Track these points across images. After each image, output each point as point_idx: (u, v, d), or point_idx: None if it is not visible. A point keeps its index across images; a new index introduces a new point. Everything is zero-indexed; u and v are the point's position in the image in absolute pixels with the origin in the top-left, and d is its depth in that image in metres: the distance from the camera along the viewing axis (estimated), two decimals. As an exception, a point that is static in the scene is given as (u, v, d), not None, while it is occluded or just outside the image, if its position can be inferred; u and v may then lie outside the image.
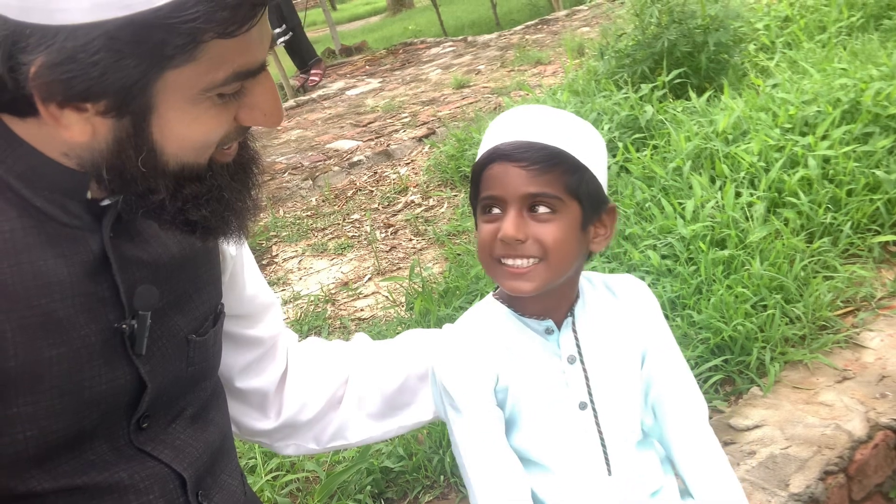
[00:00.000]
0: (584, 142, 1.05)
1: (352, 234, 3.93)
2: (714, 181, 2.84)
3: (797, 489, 1.74)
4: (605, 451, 1.10)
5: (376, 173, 4.71)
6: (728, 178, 2.76)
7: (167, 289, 0.94)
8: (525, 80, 5.71)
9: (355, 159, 4.91)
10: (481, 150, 1.07)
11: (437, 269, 3.22)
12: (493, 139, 1.06)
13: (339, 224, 4.10)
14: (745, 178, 2.77)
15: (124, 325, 0.88)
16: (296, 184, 4.74)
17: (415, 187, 4.31)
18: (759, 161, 2.79)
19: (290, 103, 7.21)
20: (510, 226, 1.01)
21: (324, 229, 4.08)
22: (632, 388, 1.13)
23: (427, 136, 5.04)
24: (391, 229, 3.87)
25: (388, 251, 3.64)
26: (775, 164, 2.73)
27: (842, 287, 2.38)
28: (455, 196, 4.00)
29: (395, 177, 4.54)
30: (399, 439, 2.16)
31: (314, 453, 1.42)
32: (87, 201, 0.86)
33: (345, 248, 3.77)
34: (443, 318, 2.61)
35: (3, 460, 0.83)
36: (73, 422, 0.86)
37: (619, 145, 3.28)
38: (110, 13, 0.70)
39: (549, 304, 1.10)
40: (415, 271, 3.07)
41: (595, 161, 1.06)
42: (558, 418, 1.09)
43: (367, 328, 2.89)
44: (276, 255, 3.91)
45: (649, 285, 2.34)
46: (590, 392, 1.09)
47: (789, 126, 2.95)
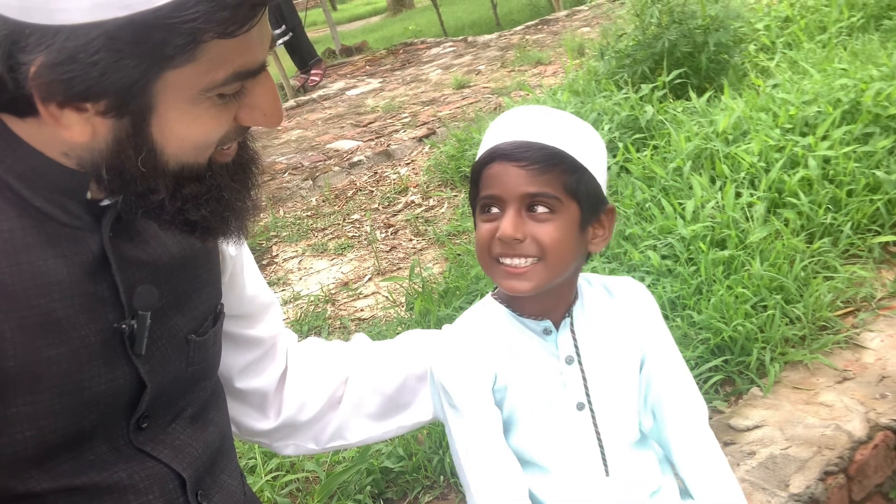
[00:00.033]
0: (584, 142, 1.05)
1: (352, 234, 3.93)
2: (714, 181, 2.84)
3: (797, 489, 1.74)
4: (603, 452, 1.10)
5: (376, 173, 4.71)
6: (728, 178, 2.76)
7: (167, 289, 0.94)
8: (525, 81, 5.71)
9: (355, 159, 4.91)
10: (481, 149, 1.08)
11: (437, 270, 3.22)
12: (492, 139, 1.06)
13: (339, 224, 4.10)
14: (745, 178, 2.76)
15: (124, 325, 0.88)
16: (296, 184, 4.74)
17: (415, 187, 4.31)
18: (759, 161, 2.79)
19: (291, 103, 7.20)
20: (509, 225, 1.01)
21: (324, 229, 4.08)
22: (629, 389, 1.13)
23: (427, 137, 5.04)
24: (391, 229, 3.87)
25: (388, 251, 3.64)
26: (775, 165, 2.72)
27: (842, 287, 2.38)
28: (455, 196, 4.00)
29: (395, 177, 4.54)
30: (399, 439, 2.16)
31: (313, 453, 1.42)
32: (86, 201, 0.86)
33: (345, 248, 3.77)
34: (443, 319, 2.61)
35: (2, 460, 0.83)
36: (72, 422, 0.85)
37: (620, 145, 3.28)
38: (110, 13, 0.70)
39: (547, 304, 1.10)
40: (415, 271, 3.07)
41: (594, 162, 1.06)
42: (556, 419, 1.09)
43: (367, 328, 2.89)
44: (277, 255, 3.91)
45: (649, 285, 2.38)
46: (587, 393, 1.09)
47: (789, 126, 2.95)
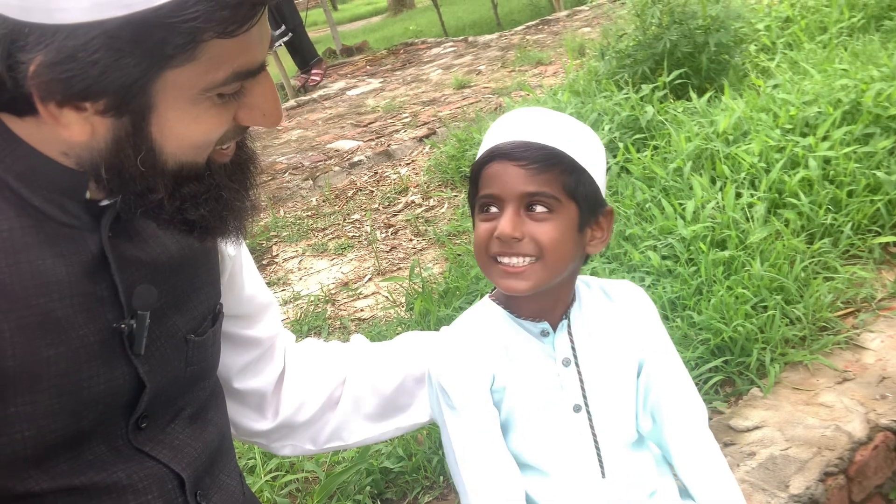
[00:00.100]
0: (583, 144, 1.06)
1: (352, 234, 3.93)
2: (714, 182, 2.83)
3: (797, 490, 1.74)
4: (599, 454, 1.10)
5: (377, 173, 4.71)
6: (728, 178, 2.76)
7: (166, 289, 0.94)
8: (526, 81, 5.71)
9: (356, 159, 4.91)
10: (481, 150, 1.08)
11: (437, 270, 3.22)
12: (492, 139, 1.06)
13: (339, 224, 4.10)
14: (745, 178, 2.76)
15: (123, 325, 0.88)
16: (296, 184, 4.74)
17: (415, 187, 4.31)
18: (759, 162, 2.79)
19: (291, 103, 7.20)
20: (507, 224, 1.01)
21: (324, 229, 4.07)
22: (626, 391, 1.13)
23: (428, 137, 5.03)
24: (391, 229, 3.87)
25: (388, 251, 3.64)
26: (776, 165, 2.72)
27: (842, 288, 2.38)
28: (455, 196, 4.00)
29: (395, 177, 4.54)
30: (399, 440, 2.16)
31: (311, 454, 1.43)
32: (85, 201, 0.86)
33: (345, 248, 3.77)
34: (443, 319, 2.61)
35: (1, 460, 0.83)
36: (71, 422, 0.85)
37: (620, 146, 3.28)
38: (110, 12, 0.70)
39: (544, 305, 1.10)
40: (415, 272, 3.07)
41: (593, 163, 1.06)
42: (552, 421, 1.09)
43: (367, 328, 2.89)
44: (277, 255, 3.90)
45: (649, 286, 2.38)
46: (584, 395, 1.09)
47: (790, 127, 2.95)
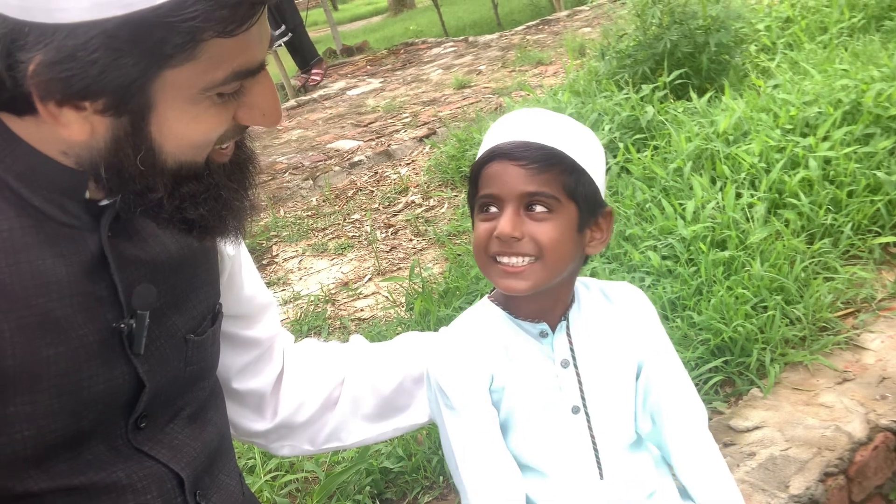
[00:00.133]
0: (583, 145, 1.06)
1: (352, 234, 3.93)
2: (715, 182, 2.83)
3: (797, 491, 1.74)
4: (598, 456, 1.10)
5: (377, 173, 4.71)
6: (729, 178, 2.76)
7: (165, 288, 0.94)
8: (526, 81, 5.71)
9: (356, 159, 4.91)
10: (481, 150, 1.08)
11: (437, 270, 3.22)
12: (492, 140, 1.06)
13: (339, 224, 4.10)
14: (745, 178, 2.76)
15: (122, 325, 0.88)
16: (296, 184, 4.74)
17: (415, 187, 4.31)
18: (759, 162, 2.79)
19: (291, 103, 7.20)
20: (507, 223, 1.01)
21: (324, 229, 4.07)
22: (625, 393, 1.13)
23: (428, 137, 5.03)
24: (391, 229, 3.87)
25: (388, 251, 3.64)
26: (776, 165, 2.72)
27: (842, 288, 2.37)
28: (456, 196, 4.00)
29: (395, 177, 4.54)
30: (398, 440, 2.16)
31: (310, 454, 1.43)
32: (85, 201, 0.86)
33: (345, 248, 3.77)
34: (443, 319, 2.61)
35: (1, 460, 0.83)
36: (71, 421, 0.85)
37: (620, 146, 3.27)
38: (109, 11, 0.70)
39: (543, 306, 1.10)
40: (415, 272, 3.07)
41: (593, 164, 1.06)
42: (551, 422, 1.09)
43: (367, 328, 2.88)
44: (277, 254, 3.90)
45: (649, 286, 2.38)
46: (583, 396, 1.09)
47: (790, 127, 2.95)
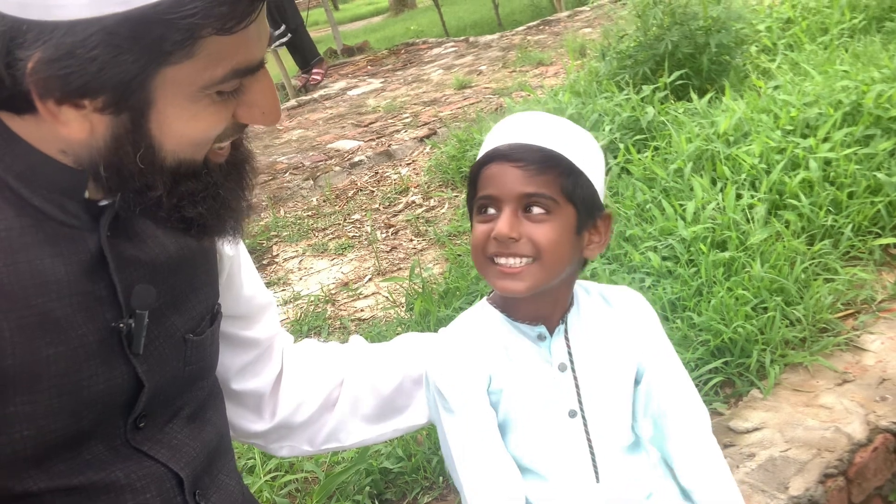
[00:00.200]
0: (582, 147, 1.06)
1: (352, 234, 3.93)
2: (715, 183, 2.83)
3: (796, 492, 1.74)
4: (594, 459, 1.10)
5: (377, 173, 4.71)
6: (729, 179, 2.76)
7: (164, 288, 0.94)
8: (527, 81, 5.71)
9: (356, 159, 4.91)
10: (481, 153, 1.08)
11: (437, 270, 3.22)
12: (491, 142, 1.07)
13: (339, 224, 4.10)
14: (746, 179, 2.76)
15: (121, 325, 0.88)
16: (297, 184, 4.74)
17: (416, 188, 4.31)
18: (760, 163, 2.79)
19: (292, 103, 7.19)
20: (504, 224, 1.02)
21: (324, 229, 4.07)
22: (623, 397, 1.13)
23: (428, 137, 5.03)
24: (392, 230, 3.87)
25: (388, 251, 3.64)
26: (776, 166, 2.72)
27: (842, 289, 2.37)
28: (456, 197, 4.00)
29: (396, 177, 4.54)
30: (398, 440, 2.16)
31: (309, 455, 1.43)
32: (84, 201, 0.86)
33: (345, 248, 3.77)
34: (443, 319, 2.60)
35: (1, 460, 0.83)
36: (70, 421, 0.85)
37: (621, 146, 3.27)
38: (108, 8, 0.70)
39: (542, 309, 1.10)
40: (415, 272, 3.07)
41: (591, 167, 1.06)
42: (548, 425, 1.09)
43: (367, 329, 2.88)
44: (277, 254, 3.90)
45: (649, 287, 2.38)
46: (580, 400, 1.09)
47: (790, 128, 2.95)
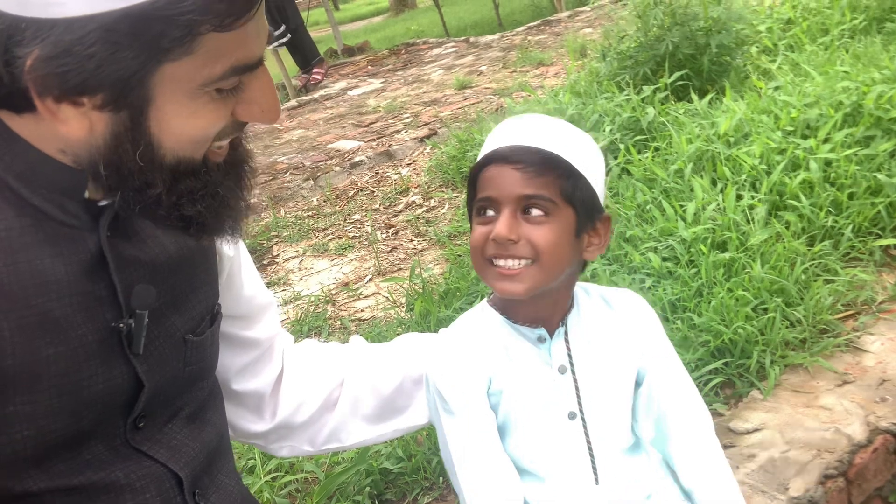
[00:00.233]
0: (581, 150, 1.06)
1: (353, 234, 3.93)
2: (715, 184, 2.83)
3: (797, 493, 1.74)
4: (594, 461, 1.10)
5: (378, 174, 4.71)
6: (729, 180, 2.76)
7: (164, 288, 0.94)
8: (527, 82, 5.70)
9: (357, 159, 4.91)
10: (480, 155, 1.09)
11: (437, 271, 3.22)
12: (491, 144, 1.07)
13: (340, 224, 4.10)
14: (746, 180, 2.76)
15: (121, 325, 0.88)
16: (297, 184, 4.74)
17: (416, 188, 4.31)
18: (760, 164, 2.79)
19: (293, 103, 7.19)
20: (503, 226, 1.02)
21: (325, 229, 4.07)
22: (623, 399, 1.13)
23: (429, 137, 5.03)
24: (392, 230, 3.87)
25: (388, 252, 3.64)
26: (777, 167, 2.72)
27: (842, 290, 2.37)
28: (456, 197, 4.00)
29: (396, 177, 4.54)
30: (398, 440, 2.16)
31: (309, 455, 1.43)
32: (84, 201, 0.86)
33: (345, 248, 3.77)
34: (443, 320, 2.61)
35: (1, 460, 0.83)
36: (70, 421, 0.86)
37: (621, 147, 3.27)
38: (107, 5, 0.69)
39: (541, 311, 1.10)
40: (415, 272, 3.07)
41: (591, 169, 1.06)
42: (547, 427, 1.09)
43: (368, 329, 2.88)
44: (277, 255, 3.90)
45: (650, 288, 2.38)
46: (579, 402, 1.09)
47: (791, 129, 2.95)
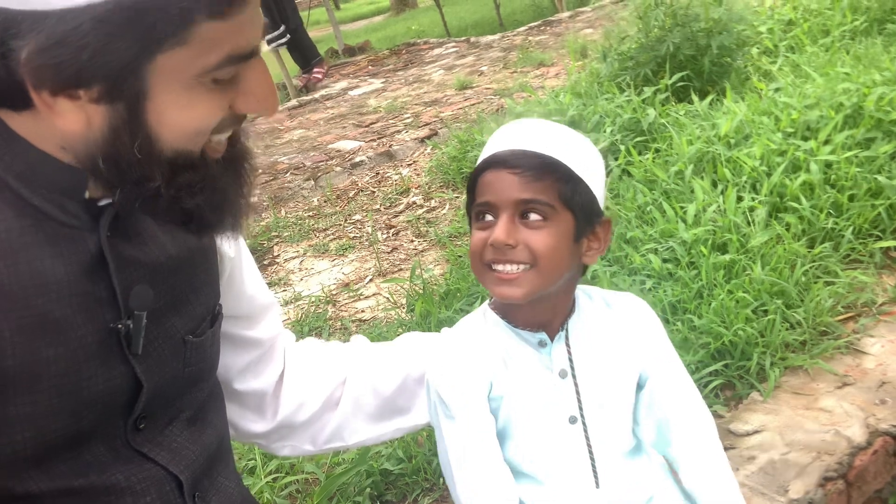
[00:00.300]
0: (580, 154, 1.06)
1: (353, 234, 3.93)
2: (716, 185, 2.83)
3: (796, 495, 1.74)
4: (594, 465, 1.10)
5: (378, 174, 4.71)
6: (730, 182, 2.76)
7: (164, 289, 0.94)
8: (528, 82, 5.70)
9: (357, 160, 4.91)
10: (479, 160, 1.09)
11: (438, 271, 3.22)
12: (490, 149, 1.07)
13: (340, 225, 4.10)
14: (746, 182, 2.76)
15: (120, 325, 0.88)
16: (298, 184, 4.74)
17: (416, 188, 4.31)
18: (760, 165, 2.79)
19: (293, 103, 7.19)
20: (501, 231, 1.02)
21: (325, 230, 4.07)
22: (624, 403, 1.13)
23: (429, 137, 5.03)
24: (392, 230, 3.87)
25: (389, 252, 3.64)
26: (777, 169, 2.72)
27: (843, 292, 2.37)
28: (457, 198, 4.00)
29: (396, 178, 4.54)
30: (399, 441, 2.16)
31: (310, 454, 1.43)
32: (84, 201, 0.86)
33: (346, 248, 3.77)
34: (443, 320, 2.60)
35: (1, 460, 0.83)
36: (71, 422, 0.86)
37: (622, 148, 3.27)
38: None
39: (542, 316, 1.10)
40: (416, 273, 3.07)
41: (590, 173, 1.06)
42: (548, 431, 1.09)
43: (368, 329, 2.88)
44: (278, 255, 3.91)
45: (650, 289, 2.38)
46: (580, 407, 1.09)
47: (791, 130, 2.95)
